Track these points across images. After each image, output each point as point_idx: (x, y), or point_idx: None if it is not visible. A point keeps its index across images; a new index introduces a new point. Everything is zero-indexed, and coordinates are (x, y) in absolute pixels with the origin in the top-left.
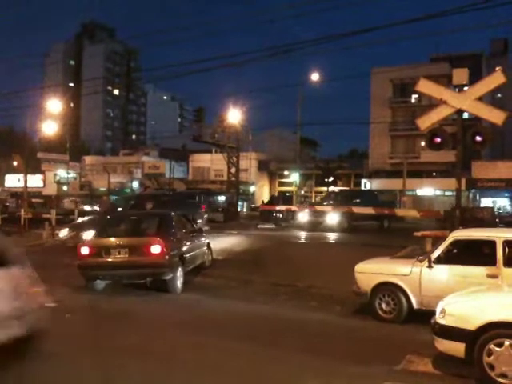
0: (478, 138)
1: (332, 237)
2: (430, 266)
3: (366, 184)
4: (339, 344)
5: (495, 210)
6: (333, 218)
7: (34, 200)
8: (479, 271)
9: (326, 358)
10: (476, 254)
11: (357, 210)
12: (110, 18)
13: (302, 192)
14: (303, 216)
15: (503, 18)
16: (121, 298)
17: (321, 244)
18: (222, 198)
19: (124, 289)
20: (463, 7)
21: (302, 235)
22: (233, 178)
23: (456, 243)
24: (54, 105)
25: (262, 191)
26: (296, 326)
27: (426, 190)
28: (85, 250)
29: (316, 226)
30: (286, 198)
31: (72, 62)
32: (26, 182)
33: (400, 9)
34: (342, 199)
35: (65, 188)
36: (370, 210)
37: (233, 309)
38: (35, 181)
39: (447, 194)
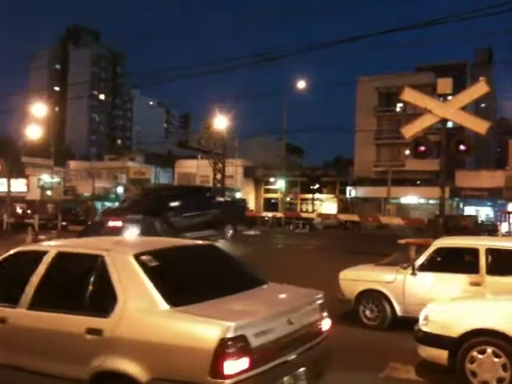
0: (462, 147)
1: None
2: (413, 274)
3: (351, 191)
4: None
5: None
6: (135, 228)
7: (17, 205)
8: (462, 279)
9: None
10: (459, 261)
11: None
12: (94, 21)
13: (288, 199)
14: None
15: (487, 28)
16: None
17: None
18: None
19: None
20: (449, 17)
21: None
22: (218, 185)
23: (439, 251)
24: (39, 109)
25: (247, 198)
26: None
27: (410, 198)
28: None
29: None
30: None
31: (58, 66)
32: (9, 186)
33: (387, 18)
34: (152, 202)
35: (48, 193)
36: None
37: None
38: (19, 185)
39: (431, 202)
